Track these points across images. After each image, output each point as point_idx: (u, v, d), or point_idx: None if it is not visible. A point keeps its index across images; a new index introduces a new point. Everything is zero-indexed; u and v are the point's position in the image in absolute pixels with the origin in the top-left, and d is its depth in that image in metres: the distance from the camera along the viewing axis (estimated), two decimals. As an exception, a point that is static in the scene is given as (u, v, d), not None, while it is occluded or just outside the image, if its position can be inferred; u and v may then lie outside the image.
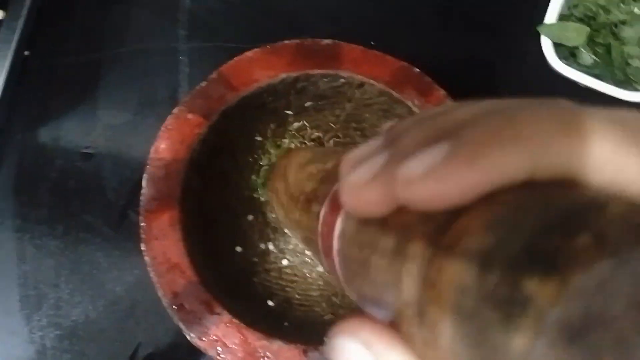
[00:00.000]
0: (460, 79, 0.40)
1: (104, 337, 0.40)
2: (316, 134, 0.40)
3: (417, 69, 0.36)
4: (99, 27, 0.47)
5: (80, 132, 0.44)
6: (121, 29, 0.47)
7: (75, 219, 0.42)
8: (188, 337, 0.30)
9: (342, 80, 0.36)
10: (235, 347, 0.30)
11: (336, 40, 0.36)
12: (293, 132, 0.39)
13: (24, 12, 0.45)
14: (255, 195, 0.39)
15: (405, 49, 0.40)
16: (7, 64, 0.44)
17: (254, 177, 0.39)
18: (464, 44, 0.49)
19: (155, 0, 0.48)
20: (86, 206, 0.42)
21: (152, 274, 0.31)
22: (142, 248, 0.31)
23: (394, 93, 0.35)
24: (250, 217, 0.39)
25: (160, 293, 0.31)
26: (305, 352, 0.30)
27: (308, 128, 0.39)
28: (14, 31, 0.44)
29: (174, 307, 0.30)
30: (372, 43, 0.46)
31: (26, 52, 0.45)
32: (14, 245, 0.41)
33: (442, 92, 0.35)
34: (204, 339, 0.30)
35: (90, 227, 0.42)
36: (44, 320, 0.40)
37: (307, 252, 0.39)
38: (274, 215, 0.39)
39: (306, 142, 0.40)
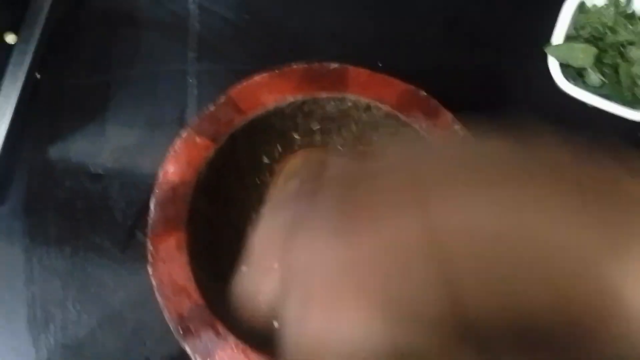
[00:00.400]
0: (466, 98, 0.40)
1: (110, 357, 0.40)
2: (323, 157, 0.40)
3: (424, 92, 0.36)
4: (109, 50, 0.48)
5: (89, 154, 0.45)
6: (130, 52, 0.48)
7: (83, 239, 0.42)
8: (194, 361, 0.30)
9: (349, 103, 0.36)
10: (241, 372, 0.30)
11: (343, 64, 0.36)
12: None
13: (36, 35, 0.46)
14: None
15: (411, 68, 0.40)
16: (19, 86, 0.44)
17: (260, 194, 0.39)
18: (470, 63, 0.49)
19: (164, 24, 0.48)
20: (94, 227, 0.42)
21: (158, 297, 0.31)
22: (149, 271, 0.31)
23: (401, 116, 0.35)
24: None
25: (166, 316, 0.31)
26: (311, 377, 0.30)
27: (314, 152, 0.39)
28: (25, 54, 0.45)
29: (180, 330, 0.30)
30: (379, 64, 0.47)
31: (37, 75, 0.46)
32: (22, 265, 0.41)
33: (449, 115, 0.35)
34: (209, 363, 0.30)
35: (98, 248, 0.42)
36: (51, 340, 0.40)
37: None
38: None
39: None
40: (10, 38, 0.45)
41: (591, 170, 0.14)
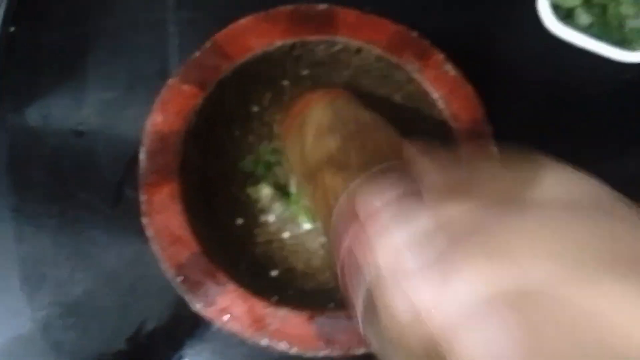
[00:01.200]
0: (456, 43, 0.39)
1: (106, 313, 0.40)
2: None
3: (415, 33, 0.35)
4: (85, 0, 0.46)
5: (71, 109, 0.43)
6: (108, 1, 0.46)
7: (71, 197, 0.41)
8: (194, 308, 0.30)
9: (339, 45, 0.35)
10: (242, 316, 0.30)
11: (332, 5, 0.35)
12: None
13: (7, -15, 0.43)
14: (254, 165, 0.39)
15: (400, 14, 0.39)
16: (-8, 40, 0.42)
17: (263, 144, 0.38)
18: (460, 8, 0.48)
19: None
20: (81, 184, 0.42)
21: (155, 247, 0.31)
22: (145, 222, 0.31)
23: (392, 58, 0.35)
24: (250, 189, 0.38)
25: (164, 266, 0.31)
26: (311, 317, 0.30)
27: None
28: (-3, 6, 0.43)
29: (178, 278, 0.30)
30: (367, 9, 0.45)
31: (11, 29, 0.44)
32: (11, 224, 0.41)
33: (440, 55, 0.35)
34: (210, 309, 0.30)
35: (87, 205, 0.41)
36: (46, 299, 0.40)
37: (306, 226, 0.39)
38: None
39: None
40: (-21, -11, 0.43)
41: None
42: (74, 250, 0.41)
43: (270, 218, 0.38)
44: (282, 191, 0.39)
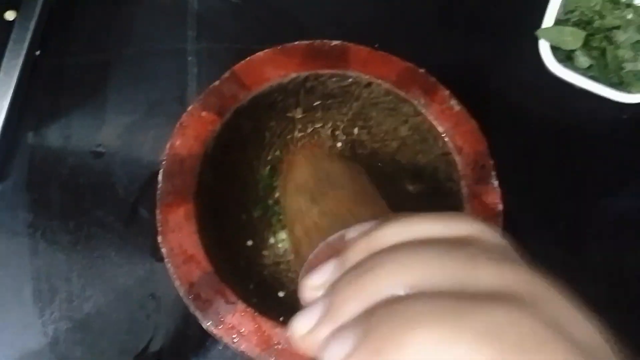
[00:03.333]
0: (459, 80, 0.41)
1: (115, 330, 0.41)
2: (323, 132, 0.41)
3: (423, 70, 0.37)
4: (108, 28, 0.48)
5: (91, 131, 0.45)
6: (130, 30, 0.48)
7: (87, 215, 0.43)
8: (204, 326, 0.31)
9: (350, 80, 0.37)
10: (250, 335, 0.31)
11: (344, 42, 0.37)
12: (301, 129, 0.40)
13: (36, 12, 0.46)
14: (262, 191, 0.40)
15: (406, 51, 0.41)
16: (19, 63, 0.45)
17: (262, 171, 0.40)
18: (464, 47, 0.50)
19: (164, 3, 0.49)
20: (97, 202, 0.43)
21: (169, 265, 0.32)
22: (159, 240, 0.32)
23: (400, 92, 0.36)
24: (260, 212, 0.40)
25: (177, 283, 0.32)
26: (317, 340, 0.31)
27: (315, 126, 0.41)
28: (26, 31, 0.45)
29: (190, 296, 0.31)
30: (376, 46, 0.48)
31: (37, 52, 0.46)
32: (26, 240, 0.42)
33: (446, 91, 0.37)
34: (219, 327, 0.31)
35: (102, 223, 0.43)
36: (57, 313, 0.41)
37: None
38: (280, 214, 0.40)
39: (314, 137, 0.41)
40: (10, 15, 0.45)
41: None
42: (86, 267, 0.42)
43: (278, 240, 0.40)
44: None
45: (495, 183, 0.35)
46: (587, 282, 0.44)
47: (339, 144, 0.41)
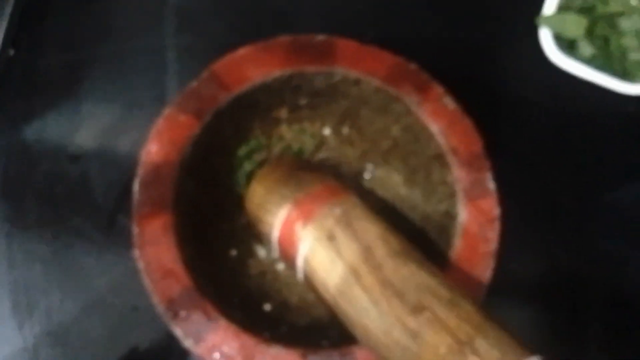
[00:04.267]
0: (456, 70, 0.39)
1: (95, 342, 0.39)
2: (310, 128, 0.39)
3: (414, 65, 0.35)
4: (84, 25, 0.46)
5: (66, 134, 0.43)
6: (106, 27, 0.46)
7: (64, 223, 0.41)
8: (185, 344, 0.29)
9: (337, 77, 0.35)
10: (233, 353, 0.29)
11: (331, 36, 0.35)
12: (286, 130, 0.38)
13: (8, 11, 0.44)
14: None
15: (399, 40, 0.38)
16: (-10, 64, 0.42)
17: (238, 173, 0.38)
18: (461, 35, 0.48)
19: (141, -3, 0.46)
20: (75, 210, 0.41)
21: (146, 281, 0.30)
22: (136, 254, 0.30)
23: (391, 90, 0.34)
24: (244, 220, 0.38)
25: (155, 300, 0.30)
26: (304, 356, 0.29)
27: (302, 125, 0.39)
28: (-4, 30, 0.43)
29: (169, 313, 0.30)
30: (369, 36, 0.45)
31: (11, 52, 0.44)
32: (3, 250, 0.40)
33: (440, 89, 0.34)
34: (200, 345, 0.29)
35: (80, 232, 0.41)
36: (37, 326, 0.39)
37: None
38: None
39: (299, 141, 0.39)
40: (-21, 13, 0.43)
41: None
42: (65, 278, 0.40)
43: (264, 249, 0.38)
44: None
45: (492, 186, 0.33)
46: (590, 278, 0.43)
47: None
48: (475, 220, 0.32)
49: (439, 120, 0.34)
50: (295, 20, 0.46)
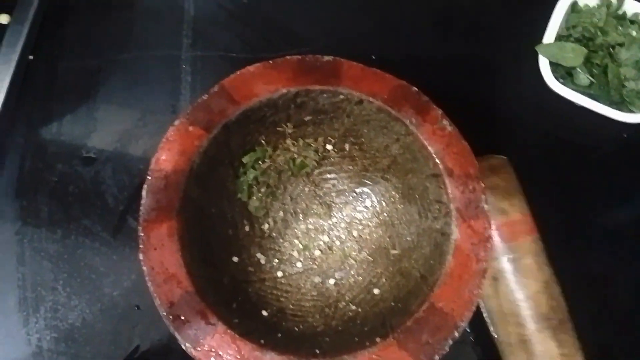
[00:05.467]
0: (456, 93, 0.40)
1: (99, 340, 0.40)
2: (314, 144, 0.40)
3: (415, 88, 0.36)
4: (102, 33, 0.48)
5: (81, 137, 0.45)
6: (124, 36, 0.48)
7: (75, 223, 0.43)
8: (183, 347, 0.31)
9: (341, 96, 0.36)
10: (229, 358, 0.30)
11: (336, 57, 0.37)
12: (291, 143, 0.40)
13: (30, 16, 0.46)
14: (248, 205, 0.40)
15: (402, 61, 0.40)
16: (12, 67, 0.44)
17: (242, 180, 0.39)
18: (461, 59, 0.49)
19: (158, 8, 0.48)
20: (85, 211, 0.43)
21: (149, 284, 0.32)
22: (141, 257, 0.32)
23: (392, 111, 0.36)
24: (247, 228, 0.39)
25: (157, 302, 0.31)
26: (297, 364, 0.31)
27: (306, 140, 0.40)
28: (19, 35, 0.45)
29: (170, 317, 0.31)
30: (373, 57, 0.47)
31: (30, 57, 0.46)
32: (13, 247, 0.42)
33: (439, 111, 0.36)
34: (198, 349, 0.31)
35: (89, 232, 0.42)
36: (41, 322, 0.40)
37: (298, 265, 0.39)
38: (267, 226, 0.40)
39: (303, 154, 0.40)
40: (4, 18, 0.45)
41: None
42: (72, 276, 0.42)
43: (265, 256, 0.39)
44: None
45: (486, 207, 0.34)
46: (582, 294, 0.43)
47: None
48: (468, 239, 0.34)
49: (437, 141, 0.35)
50: (303, 37, 0.48)
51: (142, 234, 0.32)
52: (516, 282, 0.37)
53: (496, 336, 0.38)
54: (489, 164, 0.40)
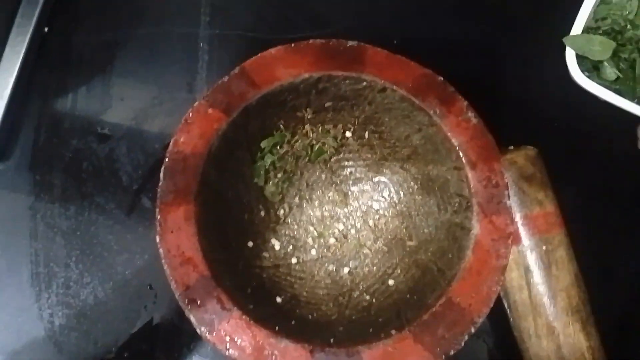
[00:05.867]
0: (480, 84, 0.39)
1: (111, 318, 0.41)
2: (333, 131, 0.40)
3: (441, 78, 0.35)
4: (119, 6, 0.47)
5: (96, 112, 0.44)
6: (141, 10, 0.46)
7: (88, 200, 0.42)
8: (198, 331, 0.31)
9: (364, 83, 0.36)
10: (244, 344, 0.30)
11: (361, 43, 0.36)
12: (310, 130, 0.39)
13: (45, -13, 0.44)
14: (264, 190, 0.39)
15: (426, 47, 0.39)
16: (26, 39, 0.43)
17: (259, 164, 0.39)
18: (486, 46, 0.48)
19: (178, -17, 0.47)
20: (100, 188, 0.42)
21: (165, 267, 0.31)
22: (157, 240, 0.32)
23: (415, 100, 0.35)
24: (263, 213, 0.39)
25: (172, 285, 0.31)
26: (312, 352, 0.31)
27: (325, 127, 0.39)
28: (34, 7, 0.44)
29: (185, 300, 0.31)
30: (395, 42, 0.46)
31: (45, 29, 0.45)
32: (27, 222, 0.42)
33: (464, 102, 0.35)
34: (213, 333, 0.31)
35: (103, 209, 0.42)
36: (54, 298, 0.41)
37: (312, 252, 0.39)
38: (282, 212, 0.40)
39: (322, 141, 0.40)
40: (19, -12, 0.44)
41: None
42: (85, 253, 0.42)
43: (280, 242, 0.39)
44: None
45: (508, 203, 0.34)
46: (609, 296, 0.43)
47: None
48: (488, 234, 0.33)
49: (460, 133, 0.35)
50: (324, 18, 0.47)
51: (159, 217, 0.32)
52: (549, 274, 0.37)
53: (520, 327, 0.38)
54: (525, 153, 0.39)
